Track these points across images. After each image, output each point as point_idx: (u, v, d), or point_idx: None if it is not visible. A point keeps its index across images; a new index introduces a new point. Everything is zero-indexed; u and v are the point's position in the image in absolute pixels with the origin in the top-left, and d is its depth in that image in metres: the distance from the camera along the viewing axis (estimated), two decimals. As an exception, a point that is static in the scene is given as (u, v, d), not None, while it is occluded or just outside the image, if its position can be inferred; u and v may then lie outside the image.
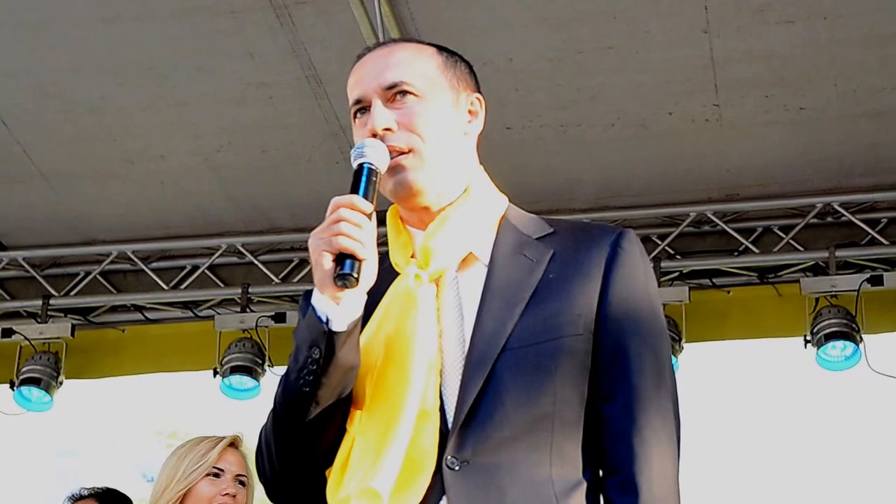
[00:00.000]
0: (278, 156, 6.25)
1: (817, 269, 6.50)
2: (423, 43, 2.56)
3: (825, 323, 6.36)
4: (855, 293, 6.36)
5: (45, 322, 6.96)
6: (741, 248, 6.56)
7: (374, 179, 2.33)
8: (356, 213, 2.25)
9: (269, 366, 6.80)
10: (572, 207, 6.47)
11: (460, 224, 2.42)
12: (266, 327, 6.82)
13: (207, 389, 6.95)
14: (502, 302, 2.35)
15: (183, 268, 7.01)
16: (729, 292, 6.67)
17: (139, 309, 7.08)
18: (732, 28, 5.45)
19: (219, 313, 6.94)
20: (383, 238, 2.37)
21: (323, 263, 2.25)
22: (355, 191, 2.30)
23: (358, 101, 2.45)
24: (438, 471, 2.26)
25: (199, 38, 5.54)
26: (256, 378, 6.77)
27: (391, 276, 2.38)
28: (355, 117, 2.46)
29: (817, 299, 6.45)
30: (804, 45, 5.52)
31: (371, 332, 2.34)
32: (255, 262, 6.88)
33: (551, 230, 2.47)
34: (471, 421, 2.28)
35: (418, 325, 2.31)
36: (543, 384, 2.31)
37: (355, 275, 2.23)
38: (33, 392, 6.89)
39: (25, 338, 6.94)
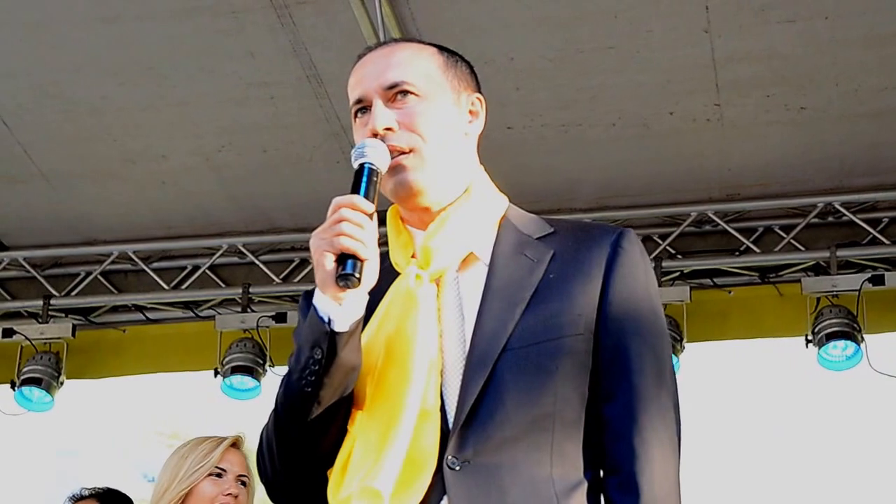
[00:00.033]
0: (279, 156, 6.24)
1: (818, 269, 6.49)
2: (423, 43, 2.56)
3: (826, 323, 6.35)
4: (856, 293, 6.35)
5: (46, 322, 6.95)
6: (742, 248, 6.55)
7: (374, 179, 2.33)
8: (358, 213, 2.25)
9: (269, 366, 6.79)
10: (573, 207, 6.47)
11: (461, 224, 2.42)
12: (267, 327, 6.81)
13: (208, 389, 6.95)
14: (503, 302, 2.35)
15: (184, 268, 7.00)
16: (730, 292, 6.66)
17: (140, 309, 7.07)
18: (733, 28, 5.44)
19: (219, 313, 6.94)
20: (383, 238, 2.37)
21: (325, 264, 2.25)
22: (356, 191, 2.30)
23: (359, 101, 2.45)
24: (439, 471, 2.26)
25: (200, 38, 5.54)
26: (257, 378, 6.76)
27: (391, 276, 2.38)
28: (356, 117, 2.46)
29: (818, 299, 6.44)
30: (805, 44, 5.52)
31: (372, 332, 2.34)
32: (256, 262, 6.87)
33: (552, 230, 2.48)
34: (471, 421, 2.28)
35: (419, 325, 2.31)
36: (544, 384, 2.31)
37: (357, 275, 2.23)
38: (34, 392, 6.88)
39: (26, 338, 6.93)
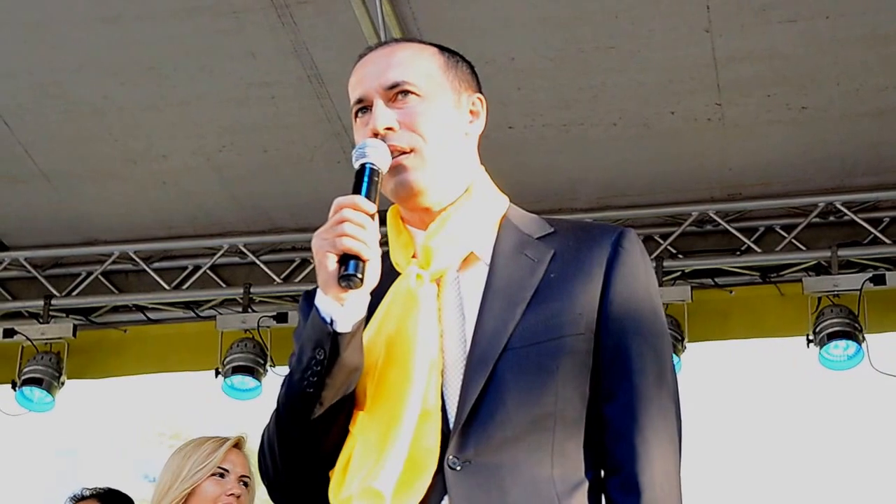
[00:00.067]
0: (280, 156, 6.24)
1: (820, 269, 6.49)
2: (424, 43, 2.55)
3: (827, 322, 6.35)
4: (857, 292, 6.35)
5: (47, 322, 6.95)
6: (743, 248, 6.55)
7: (376, 180, 2.33)
8: (360, 213, 2.25)
9: (270, 366, 6.80)
10: (574, 207, 6.46)
11: (461, 224, 2.42)
12: (268, 327, 6.81)
13: (209, 390, 6.95)
14: (504, 301, 2.35)
15: (185, 268, 7.00)
16: (731, 292, 6.66)
17: (141, 309, 7.07)
18: (734, 27, 5.44)
19: (220, 313, 6.94)
20: (384, 238, 2.37)
21: (327, 264, 2.25)
22: (358, 191, 2.30)
23: (359, 101, 2.45)
24: (440, 471, 2.26)
25: (201, 38, 5.54)
26: (258, 378, 6.76)
27: (392, 275, 2.38)
28: (356, 117, 2.46)
29: (820, 299, 6.44)
30: (806, 44, 5.52)
31: (372, 332, 2.34)
32: (257, 262, 6.87)
33: (552, 230, 2.47)
34: (472, 421, 2.27)
35: (419, 324, 2.31)
36: (545, 384, 2.31)
37: (360, 276, 2.23)
38: (35, 392, 6.88)
39: (27, 338, 6.94)
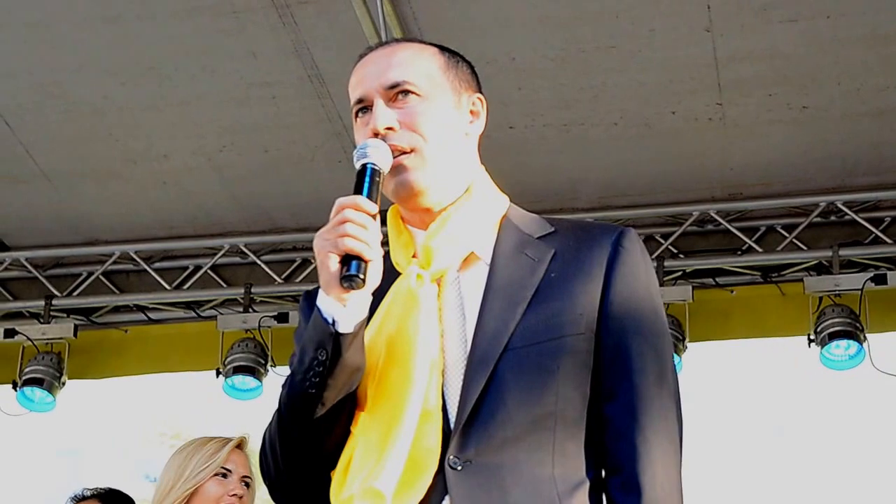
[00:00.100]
0: (281, 156, 6.24)
1: (821, 268, 6.49)
2: (425, 43, 2.56)
3: (829, 322, 6.35)
4: (858, 292, 6.35)
5: (48, 322, 6.95)
6: (744, 248, 6.55)
7: (377, 180, 2.33)
8: (361, 213, 2.25)
9: (271, 366, 6.79)
10: (575, 207, 6.46)
11: (462, 224, 2.42)
12: (269, 327, 6.81)
13: (210, 390, 6.95)
14: (504, 301, 2.35)
15: (185, 268, 7.00)
16: (732, 291, 6.65)
17: (142, 309, 7.07)
18: (735, 27, 5.44)
19: (221, 313, 6.94)
20: (384, 238, 2.37)
21: (329, 265, 2.25)
22: (359, 191, 2.30)
23: (360, 101, 2.45)
24: (441, 471, 2.26)
25: (201, 38, 5.54)
26: (259, 378, 6.76)
27: (392, 275, 2.38)
28: (357, 117, 2.46)
29: (821, 298, 6.44)
30: (807, 44, 5.52)
31: (373, 332, 2.34)
32: (258, 262, 6.87)
33: (552, 229, 2.47)
34: (473, 421, 2.27)
35: (420, 324, 2.31)
36: (546, 383, 2.30)
37: (361, 276, 2.23)
38: (36, 392, 6.88)
39: (28, 338, 6.94)
